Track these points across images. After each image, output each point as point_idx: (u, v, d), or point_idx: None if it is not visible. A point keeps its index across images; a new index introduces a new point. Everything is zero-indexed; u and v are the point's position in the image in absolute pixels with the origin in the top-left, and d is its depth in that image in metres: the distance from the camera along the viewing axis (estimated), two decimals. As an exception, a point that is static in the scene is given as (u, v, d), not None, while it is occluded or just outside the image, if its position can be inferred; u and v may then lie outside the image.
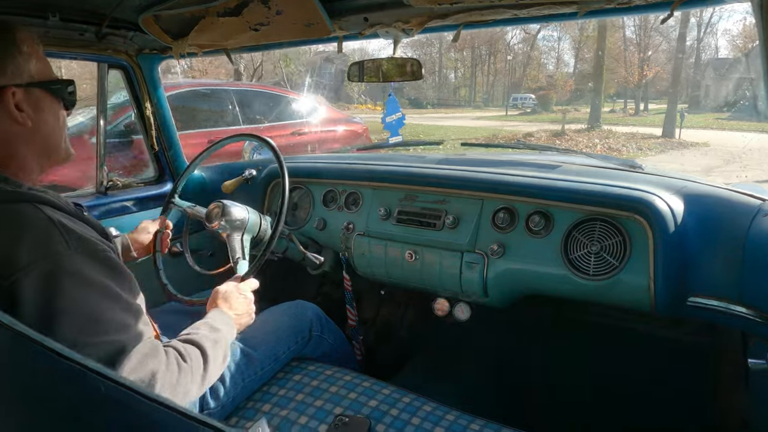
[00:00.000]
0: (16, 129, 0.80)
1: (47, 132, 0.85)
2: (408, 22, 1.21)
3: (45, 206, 0.76)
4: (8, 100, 0.78)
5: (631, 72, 30.76)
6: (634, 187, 1.26)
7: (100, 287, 0.75)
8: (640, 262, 1.22)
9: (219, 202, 1.40)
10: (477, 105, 39.12)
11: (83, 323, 0.72)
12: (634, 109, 30.66)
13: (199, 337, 0.92)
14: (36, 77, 0.81)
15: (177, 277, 1.42)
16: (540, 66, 40.32)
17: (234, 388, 1.12)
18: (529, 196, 1.37)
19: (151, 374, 0.77)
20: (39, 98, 0.82)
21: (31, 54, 0.81)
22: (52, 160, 0.88)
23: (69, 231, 0.74)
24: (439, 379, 1.71)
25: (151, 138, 1.81)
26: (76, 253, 0.73)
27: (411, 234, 1.52)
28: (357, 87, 33.64)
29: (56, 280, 0.70)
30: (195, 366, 0.87)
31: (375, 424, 1.05)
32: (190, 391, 0.86)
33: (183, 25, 1.36)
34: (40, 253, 0.70)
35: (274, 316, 1.31)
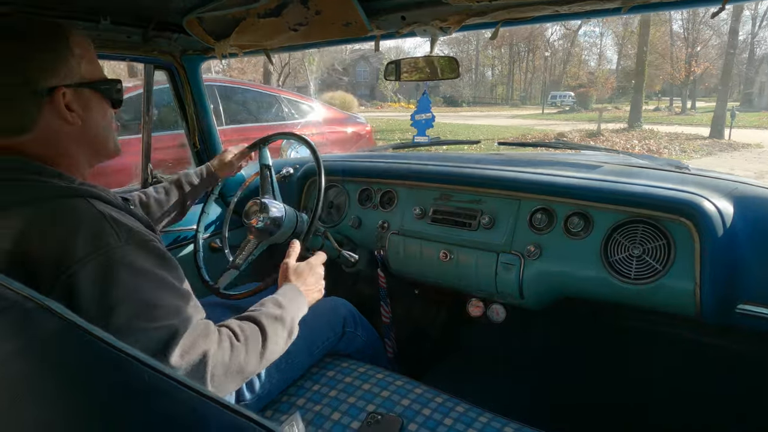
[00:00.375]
0: (66, 128, 0.83)
1: (96, 130, 0.88)
2: (445, 20, 1.20)
3: (96, 201, 0.79)
4: (59, 100, 0.81)
5: (678, 68, 29.39)
6: (679, 189, 1.22)
7: (151, 275, 0.78)
8: (685, 266, 1.17)
9: (257, 199, 1.43)
10: (514, 103, 38.25)
11: (138, 310, 0.75)
12: (681, 107, 29.21)
13: (259, 314, 0.93)
14: (86, 78, 0.84)
15: (215, 271, 1.46)
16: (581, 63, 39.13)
17: (269, 381, 1.14)
18: (568, 197, 1.34)
19: (202, 354, 0.79)
20: (88, 98, 0.85)
21: (83, 56, 0.84)
22: (101, 155, 0.92)
23: (119, 224, 0.77)
24: (473, 380, 1.69)
25: (193, 136, 1.86)
26: (127, 244, 0.76)
27: (446, 233, 1.51)
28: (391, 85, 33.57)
29: (111, 271, 0.73)
30: (251, 343, 0.88)
31: (407, 423, 1.05)
32: (245, 368, 0.86)
33: (225, 27, 1.39)
34: (94, 246, 0.73)
35: (308, 311, 1.32)
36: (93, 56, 0.87)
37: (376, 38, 1.37)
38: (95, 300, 0.72)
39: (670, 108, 30.38)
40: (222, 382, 0.83)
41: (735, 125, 14.81)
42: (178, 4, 1.28)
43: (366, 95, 38.53)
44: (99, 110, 0.88)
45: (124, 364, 0.34)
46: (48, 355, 0.35)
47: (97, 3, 1.23)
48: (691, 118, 23.35)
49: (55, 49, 0.81)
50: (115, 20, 1.34)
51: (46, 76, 0.79)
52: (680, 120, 21.00)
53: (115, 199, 0.85)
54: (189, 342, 0.79)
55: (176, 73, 1.75)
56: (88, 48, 0.86)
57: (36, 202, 0.76)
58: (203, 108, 1.85)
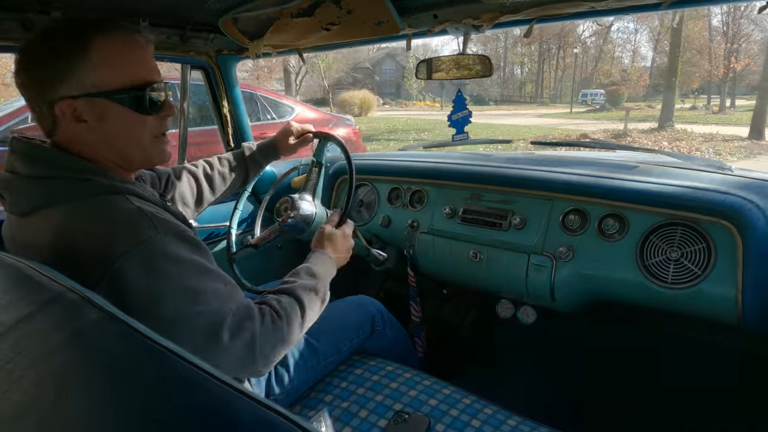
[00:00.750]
0: (88, 136, 0.83)
1: (118, 138, 0.85)
2: (478, 17, 1.19)
3: (134, 197, 0.82)
4: (66, 110, 0.80)
5: (716, 64, 28.03)
6: (721, 190, 1.17)
7: (190, 263, 0.80)
8: (726, 271, 1.13)
9: (289, 196, 1.45)
10: (543, 102, 37.35)
11: (183, 297, 0.78)
12: (719, 105, 27.75)
13: (295, 287, 0.96)
14: (101, 87, 0.81)
15: (248, 268, 1.48)
16: (613, 60, 37.82)
17: (298, 377, 1.16)
18: (603, 198, 1.31)
19: (250, 336, 0.82)
20: (104, 107, 0.82)
21: (102, 63, 0.80)
22: (134, 163, 0.91)
23: (156, 218, 0.80)
24: (502, 382, 1.67)
25: (227, 134, 1.90)
26: (165, 235, 0.78)
27: (476, 233, 1.49)
28: (417, 84, 33.29)
29: (154, 263, 0.76)
30: (291, 317, 0.91)
31: (434, 423, 1.05)
32: (289, 340, 0.90)
33: (259, 27, 1.41)
34: (135, 240, 0.75)
35: (337, 309, 1.34)
36: (120, 62, 0.83)
37: (407, 37, 1.37)
38: (142, 292, 0.75)
39: (708, 107, 29.04)
40: (269, 355, 0.86)
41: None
42: (214, 5, 1.31)
43: (392, 93, 38.37)
44: (120, 118, 0.84)
45: (159, 355, 0.35)
46: (89, 346, 0.37)
47: (137, 5, 1.26)
48: (730, 117, 22.20)
49: (68, 58, 0.79)
50: (153, 22, 1.38)
51: (54, 86, 0.79)
52: (718, 119, 19.89)
53: (152, 196, 0.87)
54: (236, 323, 0.82)
55: (211, 73, 1.79)
56: (114, 54, 0.82)
57: (77, 198, 0.79)
58: (237, 107, 1.89)
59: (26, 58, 0.80)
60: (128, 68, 0.84)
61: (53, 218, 0.77)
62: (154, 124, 0.89)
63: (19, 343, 0.37)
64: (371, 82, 37.88)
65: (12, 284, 0.45)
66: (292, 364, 1.15)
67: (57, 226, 0.77)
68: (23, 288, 0.44)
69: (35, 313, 0.40)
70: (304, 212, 1.43)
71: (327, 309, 1.34)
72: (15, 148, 0.83)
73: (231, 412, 0.31)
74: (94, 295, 0.42)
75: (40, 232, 0.78)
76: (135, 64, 0.85)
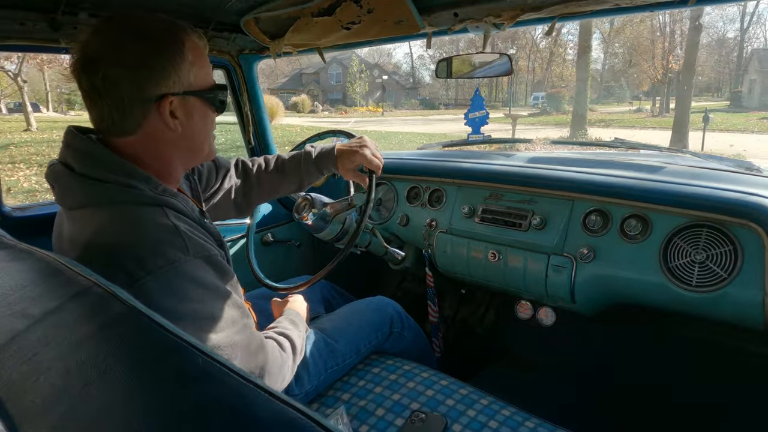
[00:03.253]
0: (167, 134, 0.84)
1: (195, 136, 0.88)
2: (499, 15, 1.18)
3: (172, 211, 0.82)
4: (165, 108, 0.81)
5: (654, 65, 27.18)
6: (748, 192, 1.14)
7: (215, 289, 0.82)
8: (753, 274, 1.10)
9: (307, 195, 1.46)
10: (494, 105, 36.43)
11: (202, 322, 0.79)
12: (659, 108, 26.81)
13: (288, 331, 1.04)
14: (194, 85, 0.84)
15: (267, 265, 1.50)
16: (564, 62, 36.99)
17: (317, 377, 1.17)
18: (625, 198, 1.29)
19: (261, 367, 0.87)
20: (193, 105, 0.85)
21: (195, 62, 0.83)
22: (195, 160, 0.94)
23: (189, 238, 0.80)
24: (520, 383, 1.66)
25: (248, 133, 1.92)
26: (195, 258, 0.79)
27: (495, 233, 1.48)
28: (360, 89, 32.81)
29: (178, 284, 0.77)
30: (288, 355, 0.98)
31: (451, 423, 1.05)
32: (286, 377, 0.96)
33: (280, 26, 1.43)
34: (164, 260, 0.76)
35: (356, 311, 1.35)
36: (204, 61, 0.86)
37: (428, 36, 1.37)
38: (164, 311, 0.75)
39: (653, 109, 28.20)
40: (276, 384, 0.92)
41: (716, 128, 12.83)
42: (236, 5, 1.32)
43: (338, 99, 37.78)
44: (201, 116, 0.87)
45: (181, 349, 0.36)
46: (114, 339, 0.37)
47: (161, 5, 1.28)
48: (668, 120, 21.02)
49: (171, 55, 0.80)
50: None
51: (158, 83, 0.79)
52: (656, 123, 18.84)
53: (191, 212, 0.87)
54: (249, 354, 0.85)
55: (233, 72, 1.81)
56: (201, 53, 0.85)
57: (121, 203, 0.79)
58: (258, 106, 1.91)
59: (112, 55, 0.77)
60: (208, 69, 0.88)
61: (96, 218, 0.78)
62: (215, 122, 0.93)
63: (47, 335, 0.38)
64: (315, 88, 37.54)
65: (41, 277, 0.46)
66: (312, 364, 1.16)
67: (96, 227, 0.78)
68: (52, 281, 0.45)
69: (63, 306, 0.41)
70: (322, 211, 1.44)
71: (346, 309, 1.36)
72: (70, 143, 0.83)
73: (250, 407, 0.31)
74: (120, 290, 0.43)
75: (82, 228, 0.79)
76: (209, 64, 0.88)
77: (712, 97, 41.09)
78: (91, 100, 0.80)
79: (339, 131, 1.65)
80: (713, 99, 39.37)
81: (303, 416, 0.31)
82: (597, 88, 36.92)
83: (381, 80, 32.54)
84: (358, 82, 32.58)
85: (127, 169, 0.81)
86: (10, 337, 0.38)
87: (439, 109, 37.63)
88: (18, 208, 1.44)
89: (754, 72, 30.32)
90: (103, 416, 0.31)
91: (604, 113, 24.95)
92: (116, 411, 0.32)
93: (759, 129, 16.34)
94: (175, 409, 0.32)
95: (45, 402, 0.33)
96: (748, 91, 31.29)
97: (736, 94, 32.51)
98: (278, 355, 0.94)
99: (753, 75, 30.73)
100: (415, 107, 38.83)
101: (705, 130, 11.77)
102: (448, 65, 1.47)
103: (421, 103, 40.67)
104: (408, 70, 49.97)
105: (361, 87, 33.08)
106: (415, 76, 48.82)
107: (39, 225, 1.47)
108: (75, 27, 1.24)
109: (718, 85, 42.91)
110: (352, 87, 33.21)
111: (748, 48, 37.38)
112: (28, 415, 0.32)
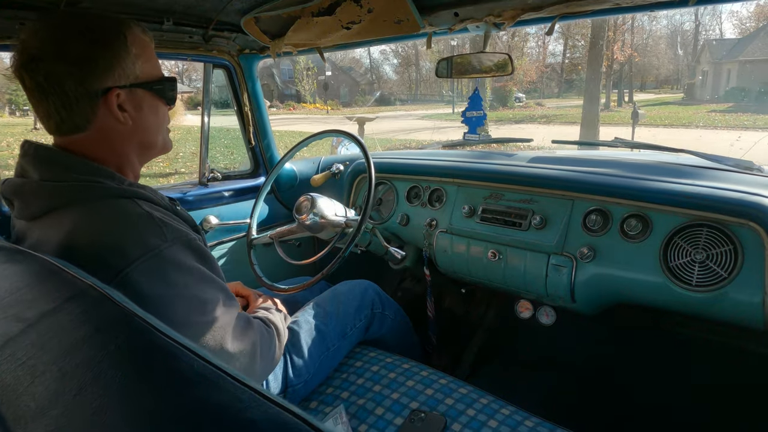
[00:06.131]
0: (118, 127, 0.84)
1: (146, 129, 0.88)
2: (500, 15, 1.18)
3: (143, 201, 0.82)
4: (112, 101, 0.81)
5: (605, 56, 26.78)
6: (749, 191, 1.14)
7: (196, 271, 0.82)
8: (753, 274, 1.09)
9: (308, 195, 1.46)
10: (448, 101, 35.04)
11: (191, 305, 0.80)
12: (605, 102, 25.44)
13: (266, 313, 1.09)
14: (140, 78, 0.84)
15: (267, 265, 1.50)
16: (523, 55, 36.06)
17: (313, 364, 1.20)
18: (626, 198, 1.29)
19: (252, 344, 0.89)
20: (141, 98, 0.85)
21: (139, 55, 0.83)
22: (150, 153, 0.93)
23: (165, 224, 0.80)
24: (520, 382, 1.66)
25: (248, 133, 1.92)
26: (174, 244, 0.79)
27: (495, 233, 1.48)
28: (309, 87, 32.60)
29: (162, 271, 0.77)
30: (273, 332, 1.03)
31: (451, 423, 1.05)
32: (276, 356, 1.00)
33: (280, 26, 1.42)
34: (144, 248, 0.76)
35: (339, 295, 1.38)
36: (150, 54, 0.87)
37: (428, 35, 1.36)
38: (152, 298, 0.75)
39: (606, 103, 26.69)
40: (268, 359, 0.95)
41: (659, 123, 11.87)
42: (236, 5, 1.32)
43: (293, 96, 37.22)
44: (152, 109, 0.88)
45: (176, 352, 0.36)
46: (109, 342, 0.37)
47: (162, 5, 1.29)
48: (614, 115, 20.23)
49: (113, 48, 0.80)
50: (177, 21, 1.40)
51: (102, 77, 0.79)
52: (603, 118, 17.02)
53: (162, 200, 0.88)
54: (239, 332, 0.87)
55: (233, 72, 1.81)
56: (146, 46, 0.85)
57: (88, 200, 0.79)
58: (258, 106, 1.91)
59: (53, 52, 0.77)
60: (155, 61, 0.88)
61: (63, 219, 0.77)
62: (168, 115, 0.93)
63: (42, 338, 0.38)
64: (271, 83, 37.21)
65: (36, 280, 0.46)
66: (306, 350, 1.19)
67: (67, 227, 0.76)
68: (46, 284, 0.45)
69: (58, 309, 0.41)
70: (323, 211, 1.44)
71: (330, 293, 1.42)
72: (28, 152, 0.82)
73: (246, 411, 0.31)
74: (115, 293, 0.43)
75: (48, 233, 0.78)
76: (155, 58, 0.89)
77: (671, 90, 40.67)
78: (37, 99, 0.80)
79: (338, 131, 1.65)
80: (672, 92, 38.90)
81: (299, 420, 0.31)
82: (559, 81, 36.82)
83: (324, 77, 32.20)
84: (305, 79, 32.45)
85: (89, 166, 0.81)
86: (5, 341, 0.38)
87: (394, 105, 36.98)
88: None
89: (706, 63, 30.03)
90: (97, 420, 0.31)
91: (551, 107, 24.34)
92: (111, 414, 0.32)
93: (704, 123, 15.60)
94: (170, 412, 0.32)
95: (39, 405, 0.33)
96: (701, 83, 30.98)
97: (690, 86, 32.07)
98: (265, 332, 0.98)
99: (705, 66, 30.43)
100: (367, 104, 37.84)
101: (634, 126, 10.91)
102: (449, 65, 1.46)
103: (376, 100, 40.08)
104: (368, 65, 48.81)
105: (309, 84, 32.92)
106: (374, 71, 47.83)
107: None
108: None
109: (677, 77, 42.42)
110: (300, 84, 33.07)
111: (701, 38, 37.27)
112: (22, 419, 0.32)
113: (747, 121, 15.45)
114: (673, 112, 18.78)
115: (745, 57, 26.11)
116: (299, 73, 32.84)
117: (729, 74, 27.81)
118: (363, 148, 1.45)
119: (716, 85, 28.50)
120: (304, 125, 18.23)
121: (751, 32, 30.84)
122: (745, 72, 26.11)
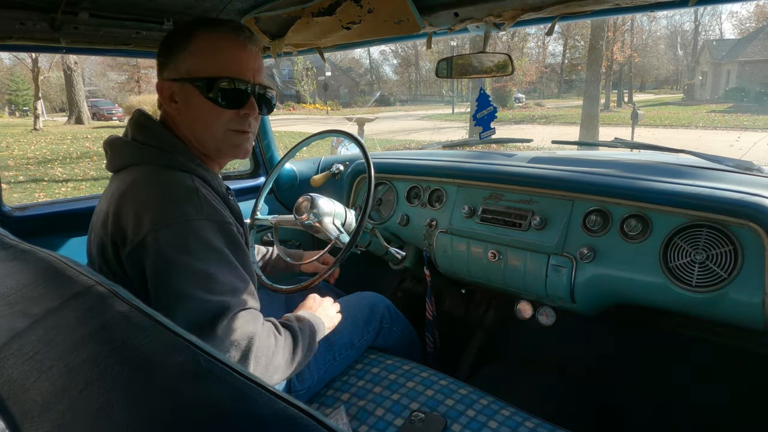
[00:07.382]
0: (177, 117, 0.96)
1: (194, 123, 0.96)
2: (500, 15, 1.18)
3: (198, 179, 0.91)
4: (165, 90, 0.95)
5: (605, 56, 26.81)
6: (748, 192, 1.14)
7: (219, 252, 0.85)
8: (753, 275, 1.10)
9: (308, 195, 1.46)
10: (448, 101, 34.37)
11: (198, 279, 0.81)
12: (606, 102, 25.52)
13: (291, 323, 1.01)
14: (191, 74, 0.93)
15: None
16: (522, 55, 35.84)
17: (318, 371, 1.19)
18: (625, 198, 1.29)
19: (249, 337, 0.84)
20: (190, 92, 0.94)
21: (197, 53, 0.93)
22: (208, 151, 0.99)
23: (207, 201, 0.88)
24: (520, 383, 1.66)
25: None
26: (207, 220, 0.85)
27: (495, 233, 1.48)
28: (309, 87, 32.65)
29: (185, 239, 0.83)
30: (287, 343, 0.94)
31: (451, 424, 1.05)
32: (280, 367, 0.91)
33: (280, 26, 1.42)
34: (178, 214, 0.84)
35: (350, 306, 1.37)
36: (212, 54, 0.93)
37: (428, 36, 1.37)
38: (166, 261, 0.81)
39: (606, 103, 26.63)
40: (265, 364, 0.87)
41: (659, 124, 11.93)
42: (236, 5, 1.32)
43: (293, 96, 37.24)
44: (198, 105, 0.94)
45: (183, 348, 0.36)
46: (115, 338, 0.37)
47: (162, 6, 1.28)
48: (614, 115, 20.17)
49: (173, 48, 0.94)
50: (177, 21, 1.40)
51: (162, 70, 0.96)
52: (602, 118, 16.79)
53: (218, 186, 0.98)
54: (238, 322, 0.83)
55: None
56: (209, 46, 0.93)
57: (154, 165, 0.91)
58: None
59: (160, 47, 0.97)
60: (219, 61, 0.93)
61: (132, 174, 0.89)
62: (231, 118, 0.96)
63: (48, 334, 0.38)
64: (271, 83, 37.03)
65: (42, 277, 0.46)
66: (312, 359, 1.16)
67: (128, 182, 0.88)
68: (53, 280, 0.45)
69: (64, 305, 0.41)
70: (323, 211, 1.44)
71: (342, 303, 1.38)
72: (134, 116, 0.98)
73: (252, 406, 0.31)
74: (121, 289, 0.43)
75: (120, 186, 0.89)
76: (229, 59, 0.94)
77: (671, 90, 40.71)
78: None
79: (338, 131, 1.65)
80: (671, 92, 38.92)
81: (305, 415, 0.31)
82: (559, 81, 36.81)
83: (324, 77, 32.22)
84: (305, 79, 32.50)
85: (171, 140, 0.95)
86: (11, 336, 0.38)
87: (394, 106, 36.95)
88: (18, 207, 1.45)
89: (705, 63, 30.11)
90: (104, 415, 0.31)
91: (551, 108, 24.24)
92: (117, 409, 0.32)
93: (704, 124, 15.60)
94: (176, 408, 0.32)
95: (46, 400, 0.33)
96: (700, 84, 31.06)
97: (689, 86, 32.20)
98: (272, 337, 0.90)
99: (704, 66, 30.51)
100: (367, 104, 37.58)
101: (634, 127, 10.92)
102: (449, 65, 1.47)
103: (376, 101, 40.04)
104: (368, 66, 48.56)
105: (309, 84, 32.94)
106: (374, 72, 47.69)
107: (39, 224, 1.47)
108: (75, 27, 1.24)
109: (676, 77, 42.54)
110: (299, 84, 33.08)
111: (701, 39, 37.43)
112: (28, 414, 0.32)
113: (746, 121, 15.49)
114: (672, 112, 18.77)
115: (745, 57, 26.23)
116: (299, 74, 32.85)
117: (729, 75, 27.91)
118: (363, 149, 1.45)
119: (716, 86, 28.57)
120: (303, 126, 18.24)
121: (751, 33, 30.92)
122: (745, 72, 26.23)
